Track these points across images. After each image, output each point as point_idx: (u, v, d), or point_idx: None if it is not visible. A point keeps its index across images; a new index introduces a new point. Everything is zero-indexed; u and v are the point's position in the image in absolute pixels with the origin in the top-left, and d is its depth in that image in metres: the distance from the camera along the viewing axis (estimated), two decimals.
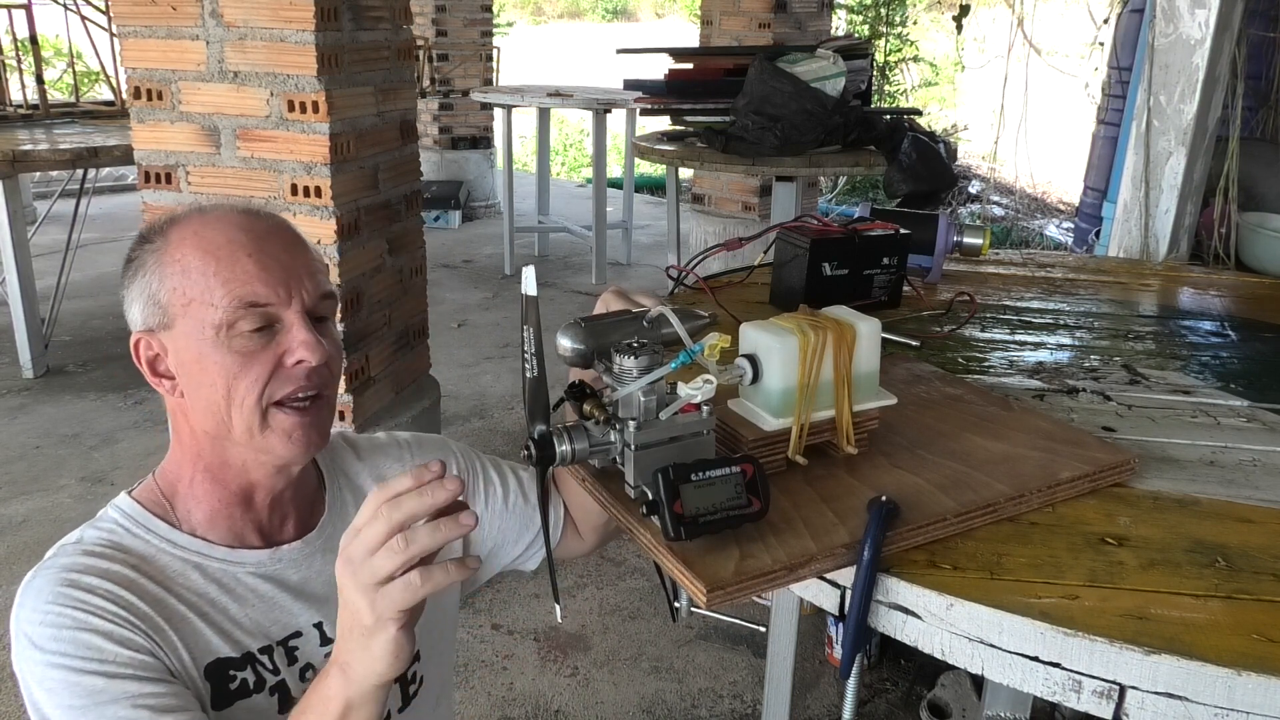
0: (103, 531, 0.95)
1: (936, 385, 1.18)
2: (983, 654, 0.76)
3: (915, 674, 2.35)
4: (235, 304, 0.89)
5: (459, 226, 6.87)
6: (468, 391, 4.04)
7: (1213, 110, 2.20)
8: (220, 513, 0.97)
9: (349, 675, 0.78)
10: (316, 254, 0.98)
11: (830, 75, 2.68)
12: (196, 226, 0.93)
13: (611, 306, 0.99)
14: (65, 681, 0.82)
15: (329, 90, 2.10)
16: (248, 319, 0.90)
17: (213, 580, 0.94)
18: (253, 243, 0.92)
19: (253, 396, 0.91)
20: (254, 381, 0.90)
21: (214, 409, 0.92)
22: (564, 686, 2.33)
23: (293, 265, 0.93)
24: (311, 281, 0.94)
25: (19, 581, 0.91)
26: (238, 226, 0.93)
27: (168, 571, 0.93)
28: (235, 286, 0.89)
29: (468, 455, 1.17)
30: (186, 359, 0.92)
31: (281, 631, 0.96)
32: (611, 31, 22.41)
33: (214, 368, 0.90)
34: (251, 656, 0.94)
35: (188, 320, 0.91)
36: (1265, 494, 0.96)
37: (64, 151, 3.61)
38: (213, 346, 0.90)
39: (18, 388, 3.93)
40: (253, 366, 0.90)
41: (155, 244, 0.93)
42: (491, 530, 1.14)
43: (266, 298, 0.90)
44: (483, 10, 6.91)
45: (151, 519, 0.96)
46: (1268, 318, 1.60)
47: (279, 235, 0.95)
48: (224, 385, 0.90)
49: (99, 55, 4.74)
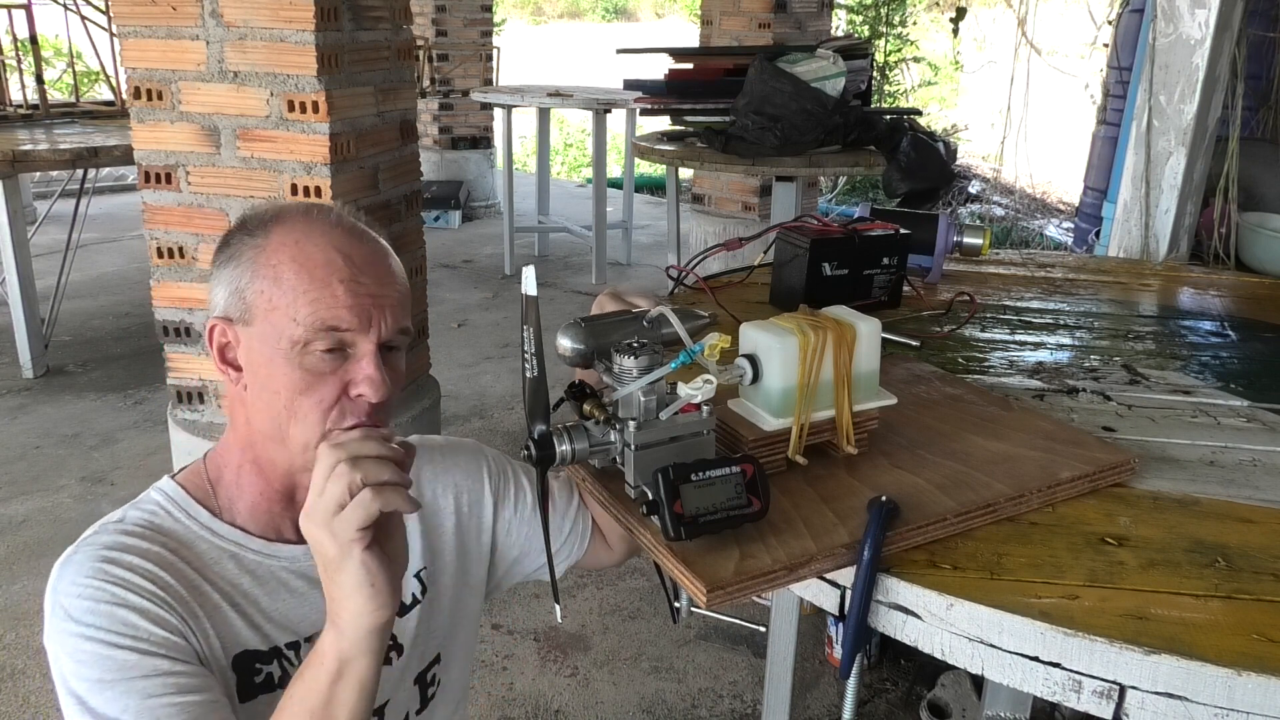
0: (144, 513, 0.96)
1: (936, 385, 1.18)
2: (983, 654, 0.76)
3: (915, 674, 2.35)
4: (316, 326, 0.90)
5: (459, 226, 6.87)
6: (468, 391, 4.04)
7: (1213, 110, 2.20)
8: (261, 505, 0.98)
9: (338, 626, 0.80)
10: (404, 284, 0.98)
11: (830, 75, 2.68)
12: (300, 235, 0.93)
13: (607, 309, 0.99)
14: (97, 655, 0.83)
15: (329, 90, 2.10)
16: (323, 340, 0.90)
17: (247, 571, 0.95)
18: (349, 269, 0.92)
19: (315, 415, 0.91)
20: (317, 403, 0.91)
21: (274, 414, 0.92)
22: (564, 686, 2.33)
23: (380, 296, 0.93)
24: (393, 314, 0.94)
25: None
26: (338, 248, 0.93)
27: (204, 558, 0.94)
28: (321, 310, 0.90)
29: (499, 461, 1.17)
30: (257, 359, 0.93)
31: (310, 628, 0.97)
32: (611, 31, 22.41)
33: (281, 378, 0.91)
34: (279, 651, 0.94)
35: (267, 325, 0.91)
36: (1265, 494, 0.96)
37: (64, 151, 3.61)
38: (285, 358, 0.90)
39: (18, 388, 3.93)
40: (318, 388, 0.91)
41: (256, 239, 0.93)
42: (519, 536, 1.14)
43: (348, 324, 0.91)
44: (483, 10, 6.91)
45: (193, 504, 0.97)
46: (1268, 318, 1.60)
47: (375, 265, 0.95)
48: (288, 397, 0.91)
49: (99, 55, 4.74)
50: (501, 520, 1.13)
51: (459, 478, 1.12)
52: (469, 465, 1.13)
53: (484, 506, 1.12)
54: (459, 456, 1.14)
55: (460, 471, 1.12)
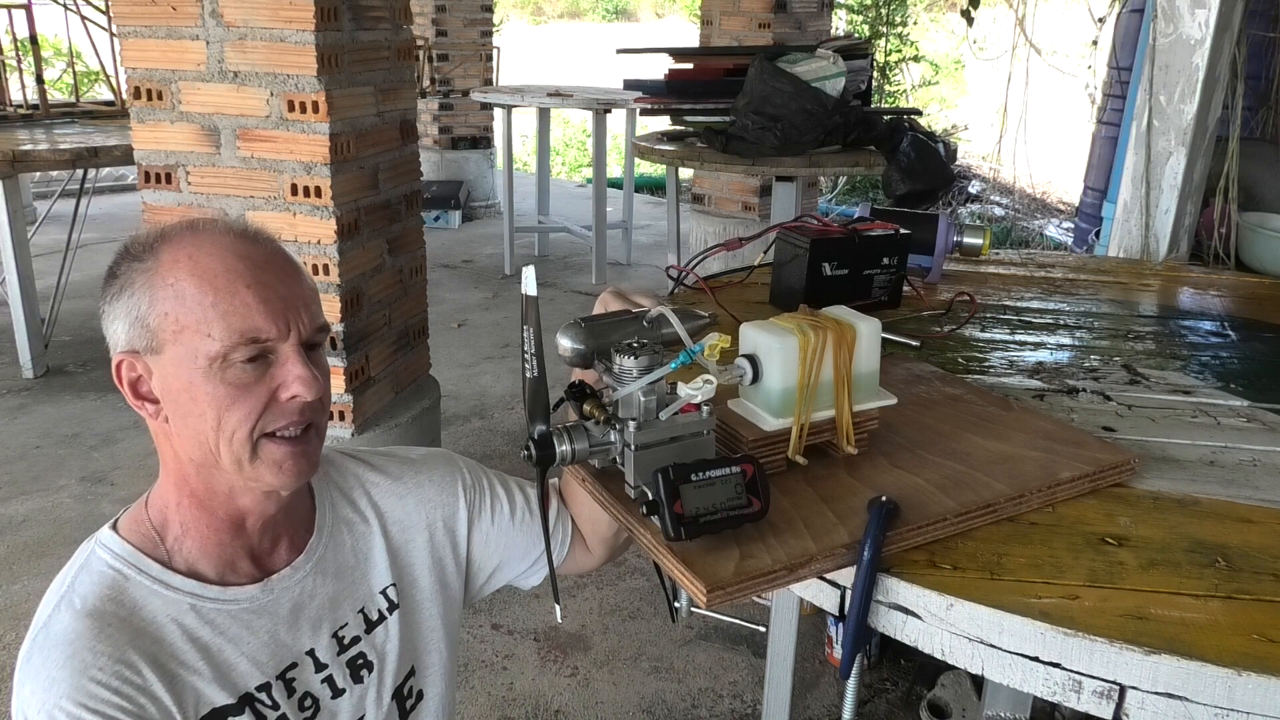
0: (94, 580, 0.91)
1: (936, 385, 1.18)
2: (983, 654, 0.76)
3: (915, 674, 2.35)
4: (234, 337, 0.86)
5: (459, 226, 6.87)
6: (468, 391, 4.04)
7: (1213, 110, 2.20)
8: (211, 541, 0.95)
9: None
10: (310, 280, 0.96)
11: (830, 75, 2.68)
12: (190, 249, 0.89)
13: (610, 307, 0.98)
14: None
15: (329, 90, 2.10)
16: (243, 351, 0.87)
17: (207, 623, 0.92)
18: (251, 272, 0.88)
19: (244, 429, 0.88)
20: (246, 415, 0.88)
21: (201, 438, 0.89)
22: (564, 686, 2.33)
23: (290, 296, 0.90)
24: (308, 312, 0.92)
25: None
26: (235, 253, 0.89)
27: (158, 620, 0.90)
28: (235, 320, 0.86)
29: (475, 472, 1.16)
30: (174, 386, 0.89)
31: (279, 666, 0.95)
32: (611, 31, 22.40)
33: (204, 398, 0.88)
34: (250, 698, 0.92)
35: (179, 347, 0.87)
36: (1265, 494, 0.96)
37: (64, 151, 3.61)
38: (204, 377, 0.87)
39: (18, 388, 3.93)
40: (246, 399, 0.88)
41: (145, 263, 0.89)
42: (498, 546, 1.13)
43: (266, 332, 0.88)
44: (483, 10, 6.91)
45: (141, 558, 0.93)
46: (1268, 318, 1.60)
47: (276, 263, 0.92)
48: (214, 416, 0.88)
49: (99, 55, 4.74)
50: (477, 532, 1.12)
51: (432, 492, 1.11)
52: (443, 479, 1.12)
53: (458, 520, 1.11)
54: (433, 470, 1.13)
55: (434, 486, 1.11)
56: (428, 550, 1.09)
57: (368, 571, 1.05)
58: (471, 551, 1.12)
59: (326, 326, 0.95)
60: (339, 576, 1.03)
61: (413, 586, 1.08)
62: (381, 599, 1.05)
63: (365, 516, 1.07)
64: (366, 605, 1.04)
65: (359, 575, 1.05)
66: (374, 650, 1.03)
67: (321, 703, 0.98)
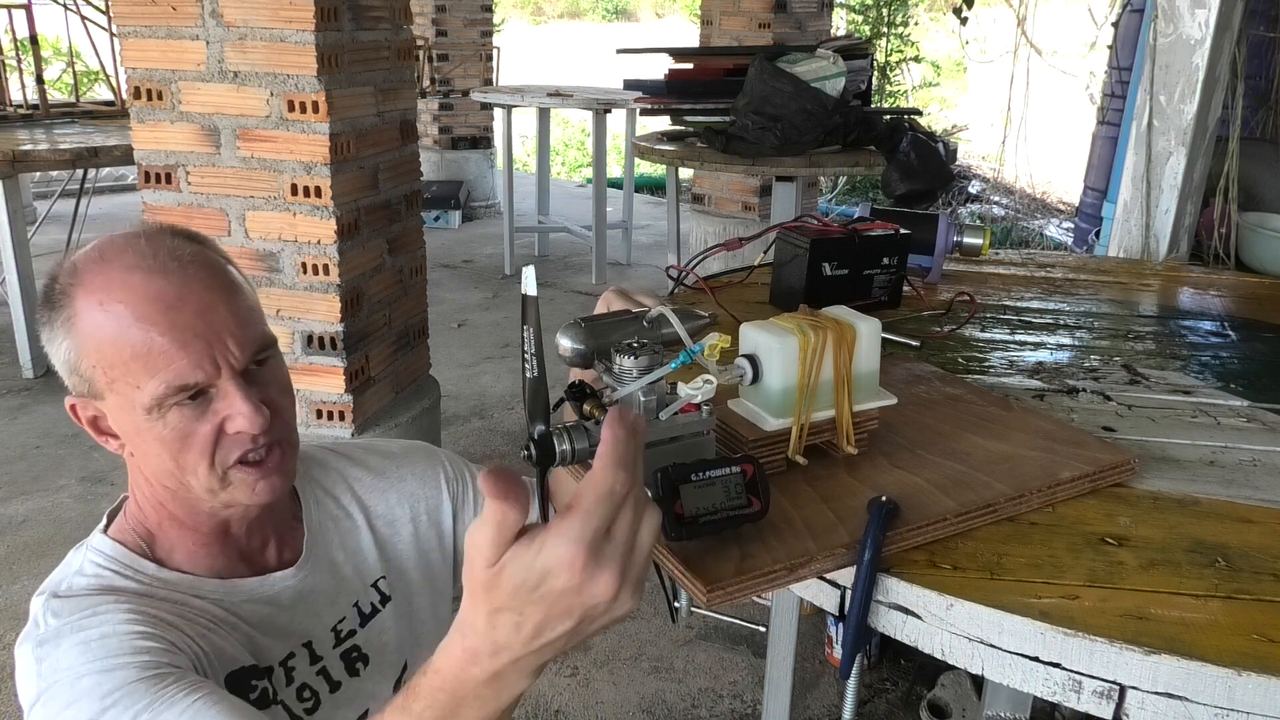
0: (89, 578, 0.90)
1: (936, 385, 1.18)
2: (983, 654, 0.76)
3: (915, 674, 2.35)
4: (161, 389, 0.83)
5: (459, 226, 6.87)
6: (468, 391, 4.04)
7: (1213, 110, 2.20)
8: (199, 552, 0.94)
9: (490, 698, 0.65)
10: (244, 294, 0.90)
11: (830, 75, 2.68)
12: (100, 294, 0.84)
13: (613, 306, 0.98)
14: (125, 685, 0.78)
15: (329, 90, 2.10)
16: (174, 397, 0.84)
17: (211, 604, 0.92)
18: (164, 316, 0.83)
19: (204, 465, 0.87)
20: (200, 453, 0.86)
21: (166, 471, 0.88)
22: (564, 686, 2.32)
23: (212, 331, 0.85)
24: (236, 341, 0.86)
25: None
26: (143, 295, 0.83)
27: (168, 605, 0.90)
28: (158, 370, 0.83)
29: (457, 465, 1.15)
30: (127, 427, 0.88)
31: (280, 653, 0.96)
32: (611, 31, 22.40)
33: (154, 441, 0.86)
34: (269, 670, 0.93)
35: (115, 396, 0.86)
36: (1265, 494, 0.96)
37: (64, 151, 3.62)
38: (147, 424, 0.85)
39: (18, 388, 3.93)
40: (194, 439, 0.86)
41: (64, 312, 0.86)
42: None
43: (193, 376, 0.84)
44: (483, 10, 6.91)
45: (136, 558, 0.92)
46: (1268, 318, 1.60)
47: (192, 295, 0.85)
48: (170, 457, 0.87)
49: (99, 55, 4.74)
50: (462, 524, 1.12)
51: (414, 485, 1.11)
52: (425, 472, 1.12)
53: (443, 512, 1.11)
54: (415, 464, 1.13)
55: (415, 480, 1.11)
56: (413, 543, 1.09)
57: (359, 565, 1.06)
58: (457, 543, 1.13)
59: (268, 337, 0.91)
60: (332, 572, 1.03)
61: (402, 579, 1.08)
62: (374, 591, 1.05)
63: (349, 511, 1.08)
64: (360, 599, 1.04)
65: (350, 569, 1.05)
66: (369, 644, 1.03)
67: (320, 696, 0.98)
